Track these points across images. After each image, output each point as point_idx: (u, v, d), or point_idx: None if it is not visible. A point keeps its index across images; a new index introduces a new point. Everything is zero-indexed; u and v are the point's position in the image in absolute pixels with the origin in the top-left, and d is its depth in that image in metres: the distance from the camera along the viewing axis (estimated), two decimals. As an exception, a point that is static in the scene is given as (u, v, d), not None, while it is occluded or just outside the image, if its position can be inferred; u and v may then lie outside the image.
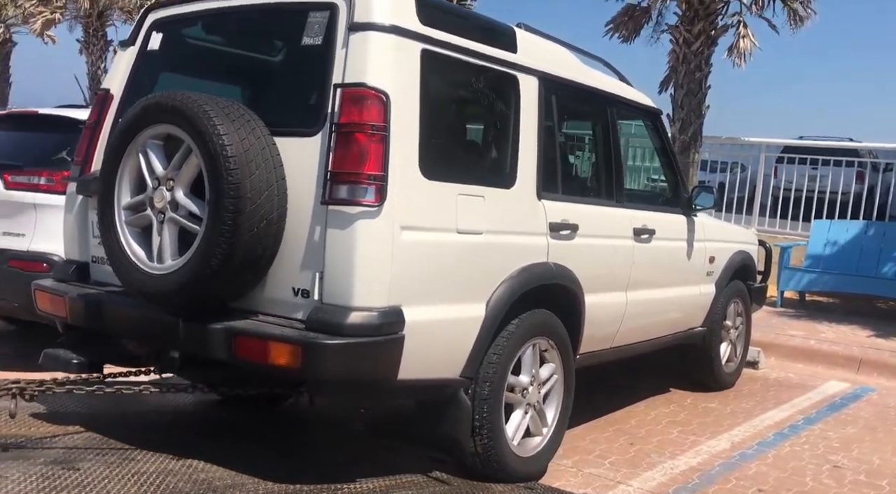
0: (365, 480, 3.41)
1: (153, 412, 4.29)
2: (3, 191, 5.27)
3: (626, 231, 4.47)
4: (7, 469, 3.17)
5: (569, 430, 4.36)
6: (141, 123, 3.17)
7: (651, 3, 11.77)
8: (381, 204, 2.94)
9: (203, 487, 3.15)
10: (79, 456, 3.39)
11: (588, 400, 4.82)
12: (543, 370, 3.83)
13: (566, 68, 4.10)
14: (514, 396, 3.66)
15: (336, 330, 2.92)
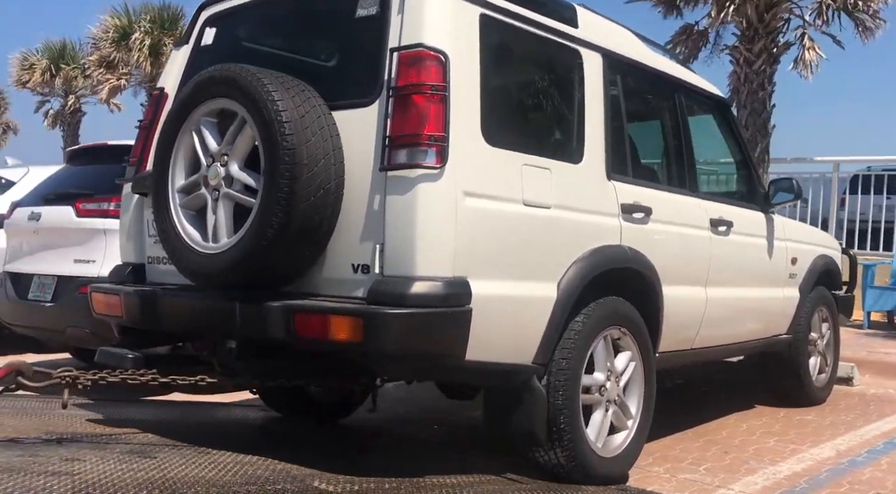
0: (444, 476, 3.20)
1: (217, 424, 4.16)
2: (75, 219, 5.34)
3: (701, 221, 4.24)
4: (83, 453, 3.09)
5: (656, 441, 4.13)
6: (194, 100, 3.09)
7: (708, 24, 11.59)
8: (443, 166, 2.78)
9: (282, 475, 3.00)
10: (152, 450, 3.30)
11: (672, 414, 4.57)
12: (619, 360, 3.57)
13: (630, 49, 3.94)
14: (592, 397, 3.41)
15: (398, 301, 2.74)
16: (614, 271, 3.50)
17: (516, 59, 3.42)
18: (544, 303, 3.17)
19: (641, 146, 4.19)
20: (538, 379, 3.18)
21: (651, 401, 3.73)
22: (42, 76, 23.53)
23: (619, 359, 3.58)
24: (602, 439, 3.47)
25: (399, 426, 4.66)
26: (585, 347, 3.33)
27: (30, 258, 5.76)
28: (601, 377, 3.45)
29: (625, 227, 3.60)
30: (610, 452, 3.49)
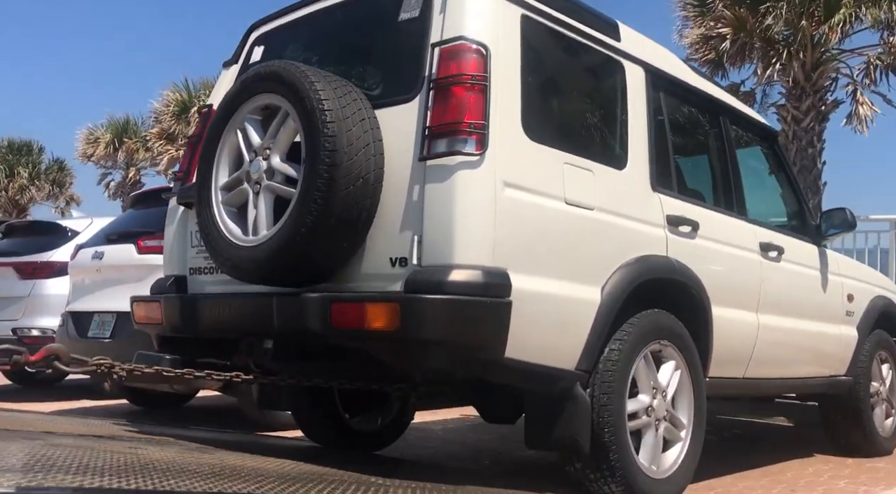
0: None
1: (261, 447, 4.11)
2: (136, 256, 5.45)
3: (751, 243, 4.14)
4: (142, 445, 3.07)
5: (716, 478, 4.02)
6: (240, 98, 3.15)
7: (755, 85, 11.64)
8: (482, 153, 2.77)
9: (353, 478, 2.96)
10: (207, 449, 3.29)
11: (732, 457, 4.45)
12: (664, 372, 3.45)
13: (673, 67, 3.95)
14: (640, 420, 3.30)
15: (436, 288, 2.69)
16: (660, 282, 3.43)
17: (557, 62, 3.44)
18: (588, 307, 3.10)
19: (687, 164, 4.16)
20: (582, 387, 3.09)
21: (702, 418, 3.59)
22: (106, 149, 24.42)
23: (665, 372, 3.46)
24: (656, 460, 3.34)
25: (449, 460, 4.59)
26: (631, 357, 3.23)
27: (91, 297, 5.88)
28: (646, 397, 3.33)
29: (671, 239, 3.54)
30: (662, 473, 3.35)
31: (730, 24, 11.80)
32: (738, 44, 11.70)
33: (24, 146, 28.23)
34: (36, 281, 7.44)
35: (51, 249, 7.61)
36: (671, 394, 3.45)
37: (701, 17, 12.48)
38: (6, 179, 27.32)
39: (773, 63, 10.69)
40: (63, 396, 7.28)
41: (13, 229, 8.75)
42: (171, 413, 6.38)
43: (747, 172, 4.48)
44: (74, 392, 7.56)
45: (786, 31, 11.43)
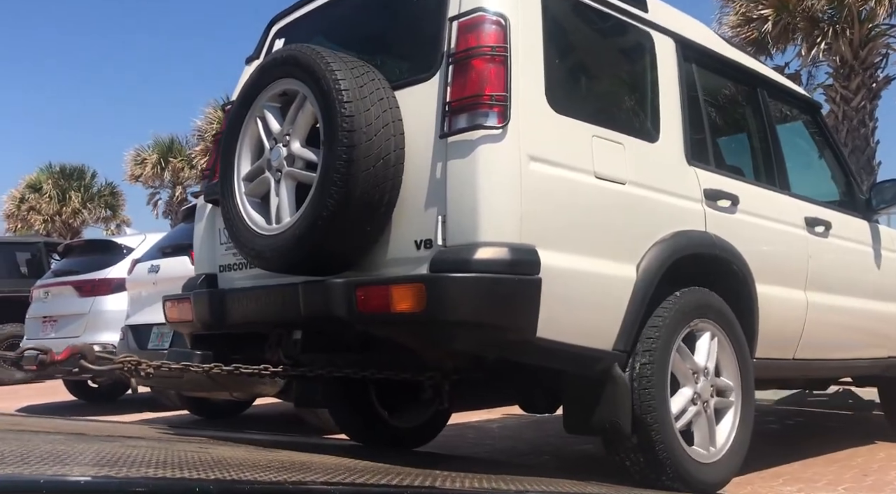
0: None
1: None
2: (191, 267, 5.38)
3: (795, 218, 3.98)
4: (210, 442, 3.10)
5: (785, 465, 3.95)
6: (258, 85, 3.10)
7: (800, 67, 11.34)
8: (505, 126, 2.67)
9: (421, 472, 2.83)
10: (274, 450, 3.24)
11: (796, 444, 4.37)
12: (706, 353, 3.32)
13: (706, 39, 3.81)
14: (688, 411, 3.17)
15: (462, 267, 2.60)
16: (700, 258, 3.30)
17: (582, 33, 3.34)
18: (623, 284, 2.99)
19: (725, 138, 4.03)
20: (621, 368, 2.97)
21: (750, 406, 3.45)
22: (153, 170, 24.86)
23: (712, 358, 3.32)
24: (714, 439, 3.23)
25: (509, 456, 4.52)
26: (672, 337, 3.11)
27: (150, 309, 5.93)
28: (688, 389, 3.20)
29: (709, 214, 3.41)
30: (703, 456, 3.22)
31: (770, 5, 11.59)
32: (780, 25, 11.46)
33: (75, 171, 28.88)
34: (95, 298, 7.65)
35: (107, 266, 7.84)
36: (718, 384, 3.33)
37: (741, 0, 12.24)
38: (59, 204, 27.93)
39: (817, 42, 10.39)
40: (125, 409, 7.43)
41: (70, 249, 9.07)
42: (231, 421, 6.44)
43: (790, 147, 4.33)
44: (136, 405, 7.73)
45: (829, 9, 11.13)
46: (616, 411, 2.95)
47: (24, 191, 28.58)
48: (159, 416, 6.88)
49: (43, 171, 28.68)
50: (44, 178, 28.39)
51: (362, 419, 4.05)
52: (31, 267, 12.25)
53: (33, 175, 28.82)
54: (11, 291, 11.03)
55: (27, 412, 7.79)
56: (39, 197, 28.32)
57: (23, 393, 10.01)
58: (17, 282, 11.38)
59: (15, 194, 28.71)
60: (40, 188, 28.29)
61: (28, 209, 28.36)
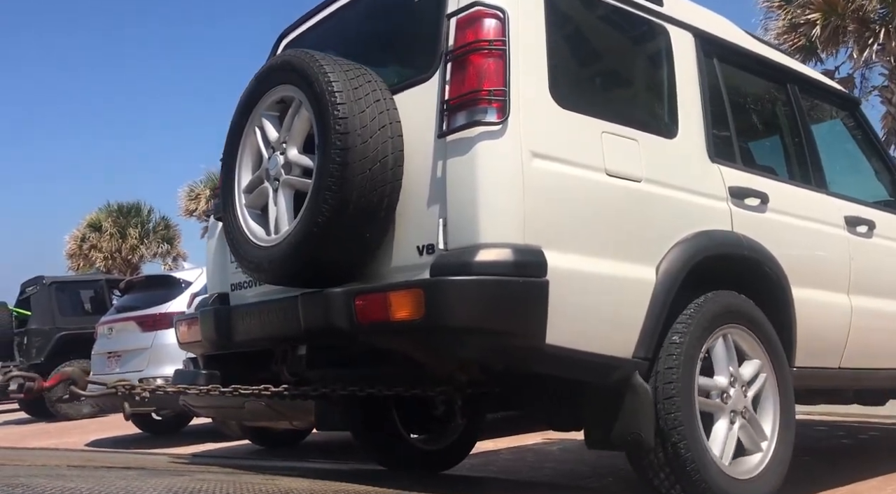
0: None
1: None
2: None
3: (834, 218, 3.76)
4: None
5: (861, 482, 3.74)
6: (256, 94, 3.04)
7: (852, 69, 11.00)
8: (504, 121, 2.55)
9: None
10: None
11: (870, 458, 4.17)
12: (745, 368, 3.14)
13: (728, 33, 3.64)
14: (712, 402, 2.98)
15: (462, 270, 2.48)
16: (727, 259, 3.13)
17: (591, 28, 3.21)
18: (641, 287, 2.82)
19: (754, 135, 3.84)
20: (642, 377, 2.80)
21: (790, 420, 3.23)
22: (206, 204, 25.23)
23: (746, 367, 3.14)
24: (727, 455, 3.00)
25: (570, 480, 4.38)
26: (698, 344, 2.93)
27: None
28: (723, 380, 3.02)
29: (736, 212, 3.22)
30: (740, 472, 3.01)
31: (818, 8, 11.35)
32: (829, 28, 11.18)
33: (132, 208, 29.47)
34: (157, 332, 7.77)
35: (168, 301, 7.98)
36: (752, 393, 3.14)
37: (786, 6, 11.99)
38: (119, 241, 28.50)
39: (869, 44, 10.05)
40: (188, 440, 7.54)
41: (131, 286, 9.34)
42: (292, 450, 6.42)
43: (829, 145, 4.12)
44: (199, 436, 7.82)
45: (881, 8, 10.82)
46: (638, 423, 2.77)
47: (85, 231, 29.24)
48: (222, 446, 6.91)
49: (102, 211, 29.34)
50: (103, 217, 29.01)
51: (385, 441, 3.93)
52: (94, 305, 12.59)
53: (93, 214, 29.50)
54: (77, 328, 11.39)
55: (95, 446, 7.97)
56: (100, 235, 28.93)
57: (90, 427, 10.20)
58: (81, 320, 11.74)
59: (77, 234, 29.39)
60: (100, 226, 28.91)
61: (89, 247, 28.98)
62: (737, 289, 3.16)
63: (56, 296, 12.42)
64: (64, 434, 9.52)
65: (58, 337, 11.78)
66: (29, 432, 10.49)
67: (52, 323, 12.02)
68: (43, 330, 11.99)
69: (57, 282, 12.78)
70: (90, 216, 29.50)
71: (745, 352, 3.17)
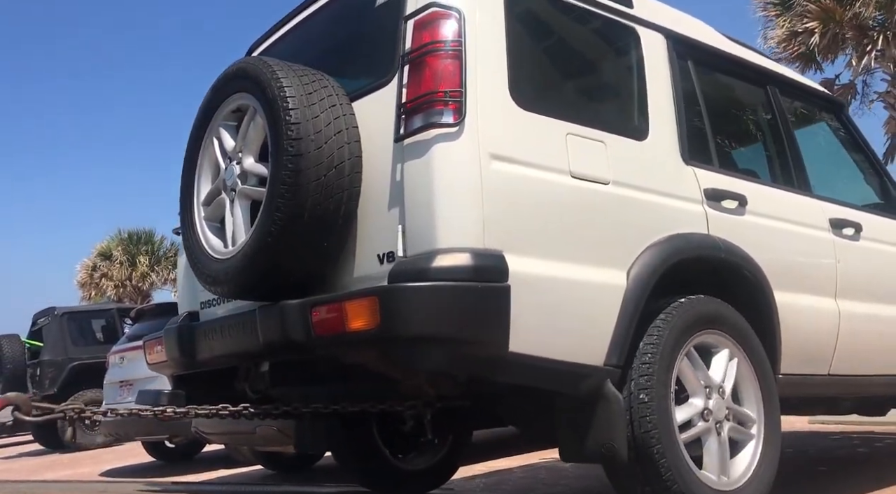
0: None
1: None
2: None
3: (818, 220, 3.67)
4: None
5: (877, 490, 3.68)
6: (213, 104, 2.98)
7: (852, 76, 10.92)
8: (461, 122, 2.48)
9: None
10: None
11: (887, 467, 4.00)
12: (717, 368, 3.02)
13: (703, 35, 3.57)
14: (696, 428, 2.88)
15: (419, 276, 2.39)
16: (703, 262, 3.04)
17: (555, 30, 3.14)
18: (611, 292, 2.73)
19: (732, 138, 3.77)
20: (614, 385, 2.70)
21: (775, 419, 3.13)
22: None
23: (719, 366, 3.02)
24: (726, 468, 2.91)
25: None
26: (673, 350, 2.83)
27: None
28: (699, 400, 2.91)
29: (712, 215, 3.14)
30: (732, 483, 2.91)
31: (816, 17, 11.34)
32: (828, 36, 11.16)
33: (143, 235, 29.56)
34: None
35: None
36: (730, 390, 3.01)
37: (784, 15, 11.99)
38: (129, 269, 28.58)
39: (868, 51, 10.00)
40: (201, 468, 7.56)
41: (142, 314, 9.50)
42: (305, 475, 6.39)
43: (814, 148, 4.03)
44: (212, 463, 7.86)
45: (878, 15, 10.78)
46: (610, 433, 2.67)
47: (96, 260, 29.35)
48: (234, 473, 6.90)
49: (113, 239, 29.44)
50: (114, 245, 29.11)
51: (366, 461, 3.83)
52: (106, 334, 12.68)
53: (104, 243, 29.62)
54: (90, 358, 11.44)
55: (110, 476, 8.03)
56: (110, 263, 29.02)
57: (103, 457, 10.30)
58: (94, 349, 11.79)
59: (88, 263, 29.49)
60: (111, 255, 29.01)
61: (100, 276, 29.07)
62: (717, 294, 3.07)
63: (68, 327, 12.50)
64: (77, 464, 9.67)
65: (70, 368, 11.86)
66: (42, 463, 10.60)
67: (64, 353, 12.10)
68: (55, 361, 12.08)
69: (68, 313, 12.86)
70: (101, 245, 29.61)
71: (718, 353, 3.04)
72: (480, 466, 5.79)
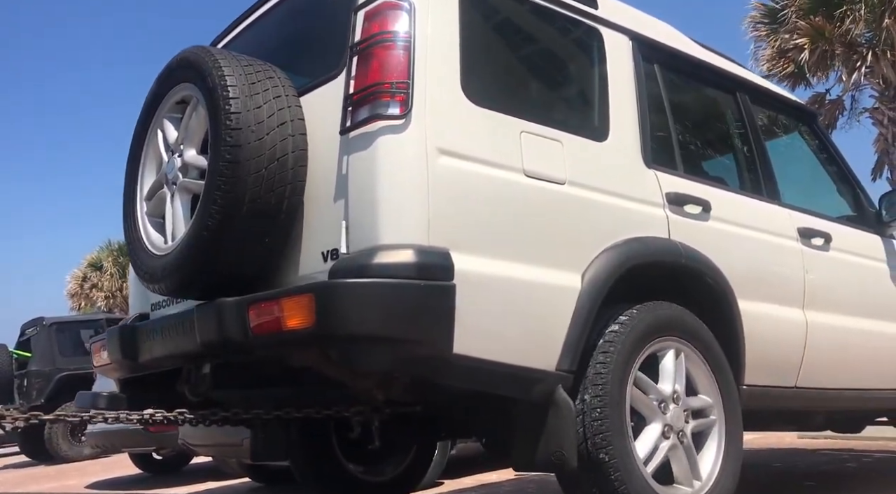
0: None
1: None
2: None
3: (786, 229, 3.59)
4: None
5: None
6: (158, 97, 2.89)
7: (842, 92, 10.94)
8: (407, 114, 2.40)
9: None
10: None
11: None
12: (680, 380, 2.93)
13: (671, 39, 3.50)
14: (647, 402, 2.80)
15: (359, 272, 2.29)
16: (662, 267, 2.96)
17: (514, 26, 3.06)
18: (565, 295, 2.64)
19: (700, 144, 3.68)
20: (566, 391, 2.61)
21: (737, 431, 3.04)
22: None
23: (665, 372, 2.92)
24: (696, 471, 2.85)
25: None
26: (630, 356, 2.74)
27: None
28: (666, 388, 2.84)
29: (674, 220, 3.06)
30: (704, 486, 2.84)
31: (806, 33, 11.39)
32: (817, 52, 11.21)
33: (134, 247, 29.41)
34: None
35: None
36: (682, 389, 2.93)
37: (774, 34, 12.05)
38: (120, 280, 28.44)
39: (857, 67, 10.02)
40: (189, 480, 7.58)
41: None
42: (293, 486, 6.34)
43: (784, 157, 3.97)
44: (199, 475, 7.86)
45: (867, 32, 10.82)
46: (560, 440, 2.57)
47: (86, 271, 29.24)
48: (222, 485, 6.86)
49: (103, 250, 29.33)
50: (104, 256, 29.01)
51: (324, 472, 3.70)
52: (94, 344, 12.54)
53: (94, 253, 29.51)
54: (77, 368, 11.33)
55: (96, 488, 8.04)
56: (101, 274, 28.91)
57: (89, 469, 10.31)
58: (82, 360, 11.59)
59: (78, 274, 29.40)
60: (101, 266, 28.90)
61: (90, 287, 28.96)
62: (678, 301, 2.99)
63: (56, 337, 12.43)
64: (63, 476, 9.72)
65: (58, 378, 11.80)
66: (28, 475, 10.55)
67: (52, 364, 12.04)
68: (43, 372, 12.02)
69: (57, 323, 12.78)
70: (91, 255, 29.54)
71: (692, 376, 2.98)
72: (469, 479, 5.77)
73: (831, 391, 3.73)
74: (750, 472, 3.70)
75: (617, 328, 2.74)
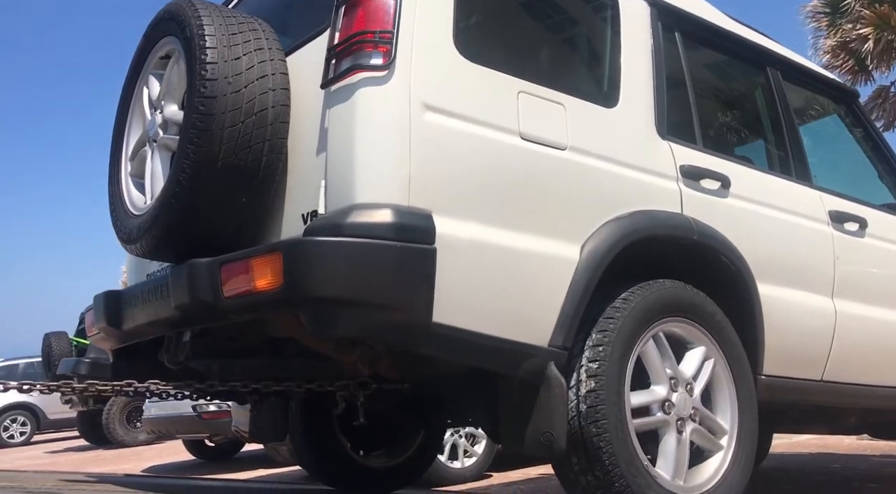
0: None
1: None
2: None
3: (815, 212, 3.35)
4: None
5: None
6: (144, 53, 2.78)
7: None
8: (390, 66, 2.25)
9: None
10: None
11: None
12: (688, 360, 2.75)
13: (697, 8, 3.29)
14: (652, 418, 2.61)
15: (332, 232, 2.15)
16: (672, 243, 2.77)
17: None
18: (560, 266, 2.47)
19: (725, 118, 3.47)
20: (558, 368, 2.43)
21: (752, 421, 2.83)
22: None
23: (689, 359, 2.75)
24: (682, 472, 2.62)
25: None
26: (632, 336, 2.56)
27: None
28: (661, 388, 2.64)
29: (687, 194, 2.86)
30: (694, 489, 2.63)
31: (870, 23, 10.94)
32: (882, 42, 10.72)
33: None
34: None
35: None
36: (699, 389, 2.73)
37: (833, 26, 11.60)
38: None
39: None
40: (241, 467, 7.65)
41: None
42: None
43: (818, 138, 3.74)
44: (251, 462, 7.96)
45: (936, 21, 10.37)
46: (550, 420, 2.40)
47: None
48: (274, 473, 6.87)
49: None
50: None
51: (326, 455, 3.56)
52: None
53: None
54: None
55: (152, 472, 8.21)
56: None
57: (145, 454, 10.59)
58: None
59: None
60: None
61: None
62: (690, 281, 2.79)
63: (113, 324, 12.61)
64: (121, 460, 10.01)
65: (114, 364, 12.02)
66: (87, 459, 10.84)
67: None
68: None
69: None
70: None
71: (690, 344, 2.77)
72: (517, 473, 5.69)
73: (863, 387, 3.49)
74: (805, 473, 3.47)
75: (620, 304, 2.56)
